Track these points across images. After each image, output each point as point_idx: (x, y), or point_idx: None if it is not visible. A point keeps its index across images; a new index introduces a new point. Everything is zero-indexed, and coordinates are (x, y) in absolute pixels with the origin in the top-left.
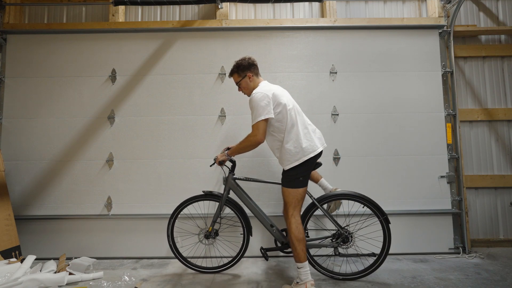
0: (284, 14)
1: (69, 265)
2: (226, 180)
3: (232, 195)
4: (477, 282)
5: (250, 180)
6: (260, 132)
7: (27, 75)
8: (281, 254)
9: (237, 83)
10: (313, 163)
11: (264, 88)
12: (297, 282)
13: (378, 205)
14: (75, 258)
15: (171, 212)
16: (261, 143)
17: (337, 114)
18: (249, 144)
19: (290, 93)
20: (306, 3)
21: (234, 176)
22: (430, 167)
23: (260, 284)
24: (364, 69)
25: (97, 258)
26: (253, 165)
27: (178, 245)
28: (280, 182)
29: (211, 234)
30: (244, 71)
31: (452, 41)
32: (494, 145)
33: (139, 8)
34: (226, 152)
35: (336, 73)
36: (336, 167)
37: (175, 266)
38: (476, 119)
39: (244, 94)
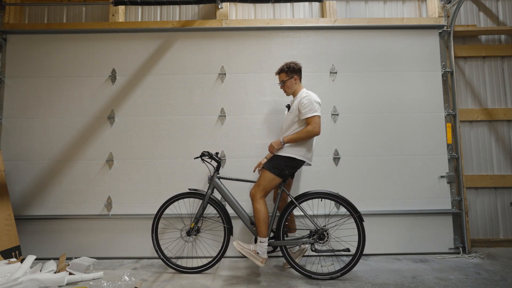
0: (284, 14)
1: (69, 265)
2: (210, 179)
3: (216, 194)
4: (477, 282)
5: (233, 180)
6: (318, 126)
7: (27, 75)
8: None
9: (282, 81)
10: (300, 164)
11: (312, 94)
12: (257, 253)
13: (352, 203)
14: (75, 258)
15: (171, 212)
16: (318, 135)
17: (337, 114)
18: (307, 136)
19: None
20: (306, 3)
21: (219, 175)
22: (430, 167)
23: (261, 284)
24: (364, 69)
25: (97, 258)
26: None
27: (169, 255)
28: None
29: (192, 231)
30: (293, 73)
31: (452, 41)
32: (494, 145)
33: (139, 8)
34: (281, 139)
35: (336, 73)
36: (336, 167)
37: None
38: (476, 119)
39: (285, 92)
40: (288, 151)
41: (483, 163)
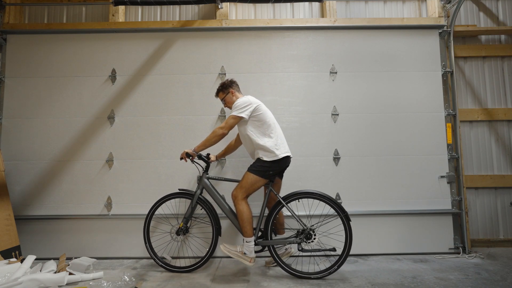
0: (284, 14)
1: (69, 265)
2: (199, 179)
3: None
4: (477, 282)
5: (222, 180)
6: (227, 126)
7: (27, 75)
8: None
9: (222, 100)
10: (286, 163)
11: (250, 97)
12: (244, 253)
13: (339, 203)
14: (75, 258)
15: (171, 212)
16: (225, 135)
17: (337, 114)
18: (213, 135)
19: (290, 93)
20: (306, 3)
21: (208, 176)
22: (430, 167)
23: (261, 284)
24: (364, 69)
25: (97, 258)
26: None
27: (167, 261)
28: None
29: (181, 230)
30: (227, 88)
31: (452, 41)
32: (494, 145)
33: (139, 8)
34: (194, 147)
35: (336, 73)
36: (336, 167)
37: None
38: (476, 119)
39: (230, 109)
40: (270, 155)
41: (483, 163)
